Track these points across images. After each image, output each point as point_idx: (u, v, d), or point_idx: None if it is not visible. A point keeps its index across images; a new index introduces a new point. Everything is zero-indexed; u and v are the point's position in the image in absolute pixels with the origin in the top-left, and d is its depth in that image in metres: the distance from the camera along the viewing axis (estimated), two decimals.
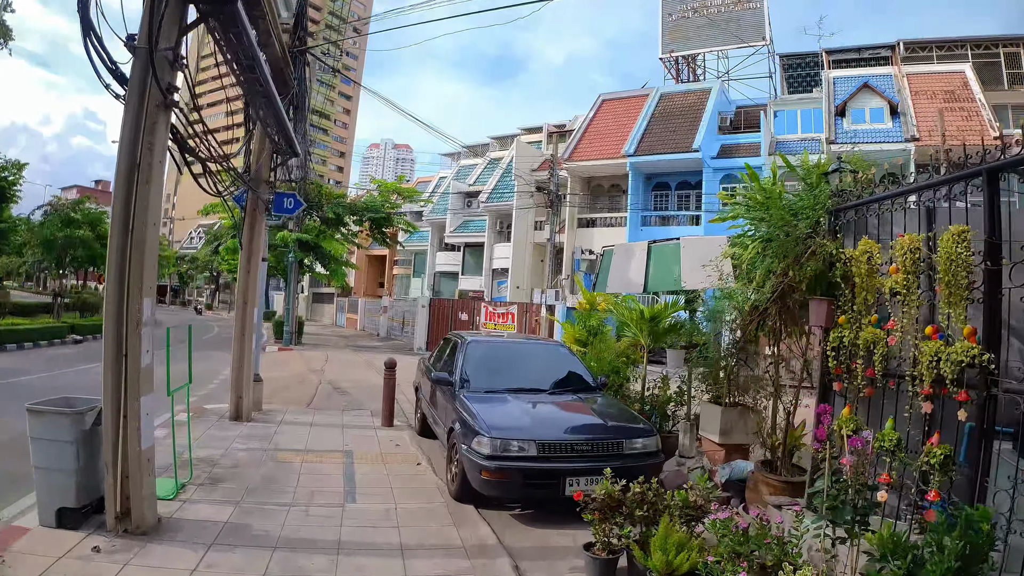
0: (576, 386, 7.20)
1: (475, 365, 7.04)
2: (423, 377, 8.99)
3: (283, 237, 23.93)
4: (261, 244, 9.28)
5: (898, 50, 36.63)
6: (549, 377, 7.23)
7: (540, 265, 34.90)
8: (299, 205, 10.27)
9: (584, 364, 7.84)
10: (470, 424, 5.76)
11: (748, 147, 31.06)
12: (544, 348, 7.92)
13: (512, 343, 8.08)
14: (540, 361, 7.57)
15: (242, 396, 9.29)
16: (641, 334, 9.32)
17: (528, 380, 7.05)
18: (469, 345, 7.31)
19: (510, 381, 6.91)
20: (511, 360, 7.40)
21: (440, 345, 8.95)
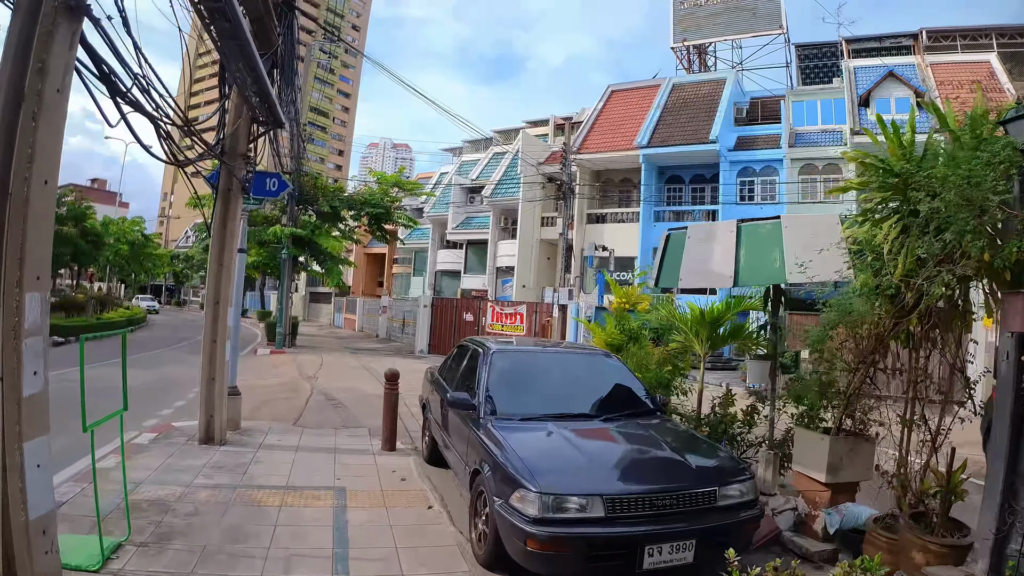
0: (632, 408, 5.62)
1: (504, 382, 5.46)
2: (431, 391, 7.39)
3: (275, 232, 22.32)
4: (237, 231, 7.68)
5: (921, 39, 35.14)
6: (597, 397, 5.66)
7: (547, 263, 33.32)
8: (284, 187, 8.67)
9: (639, 378, 6.25)
10: (506, 469, 4.17)
11: (766, 139, 29.60)
12: (588, 359, 6.30)
13: (547, 352, 6.44)
14: (584, 375, 5.97)
15: (213, 415, 7.70)
16: (696, 339, 7.75)
17: (572, 401, 5.48)
18: (494, 356, 5.71)
19: (549, 404, 5.34)
20: (548, 375, 5.81)
21: (452, 354, 7.34)
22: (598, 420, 5.21)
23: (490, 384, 5.34)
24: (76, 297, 33.08)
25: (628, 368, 6.28)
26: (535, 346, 6.88)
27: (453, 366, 6.90)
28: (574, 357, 6.32)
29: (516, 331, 21.83)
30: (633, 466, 4.44)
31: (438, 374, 7.38)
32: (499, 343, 6.19)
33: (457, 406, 5.29)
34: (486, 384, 5.34)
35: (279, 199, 24.19)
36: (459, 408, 5.31)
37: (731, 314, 7.46)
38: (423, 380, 8.42)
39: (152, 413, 10.27)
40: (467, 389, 5.74)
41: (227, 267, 7.58)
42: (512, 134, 40.99)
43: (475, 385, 5.50)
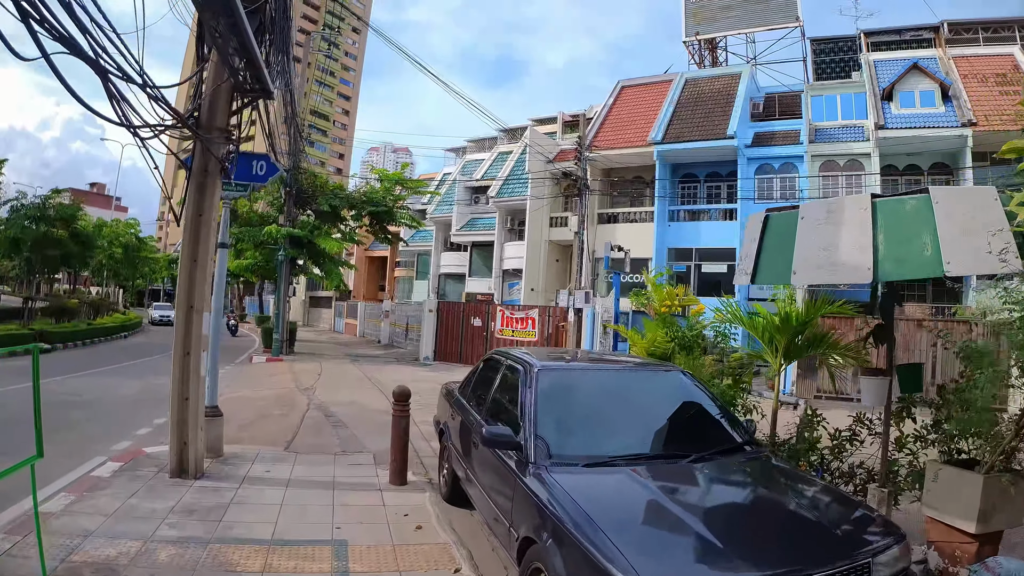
0: (721, 442, 4.31)
1: (558, 412, 4.14)
2: (450, 414, 6.06)
3: (271, 232, 21.00)
4: (214, 221, 6.36)
5: (942, 32, 33.89)
6: (676, 428, 4.34)
7: (556, 265, 32.01)
8: (273, 171, 7.37)
9: (722, 400, 4.93)
10: (584, 549, 2.83)
11: (784, 135, 28.35)
12: (656, 377, 4.91)
13: (606, 370, 5.02)
14: (655, 399, 4.63)
15: (187, 443, 6.37)
16: (769, 349, 6.43)
17: (645, 436, 4.17)
18: (541, 376, 4.36)
19: (618, 440, 4.03)
20: (611, 400, 4.46)
21: (477, 369, 5.98)
22: (685, 462, 3.88)
23: (540, 415, 4.00)
24: (68, 302, 31.81)
25: (705, 387, 4.95)
26: (588, 362, 5.48)
27: (480, 386, 5.57)
28: (639, 375, 4.94)
29: (528, 337, 20.51)
30: (760, 535, 3.11)
31: (459, 393, 6.04)
32: (543, 358, 4.85)
33: (496, 445, 3.95)
34: (534, 414, 3.99)
35: (274, 194, 22.93)
36: (499, 447, 3.98)
37: (818, 314, 6.15)
38: (438, 397, 7.08)
39: (126, 433, 8.98)
40: (504, 419, 4.43)
41: (203, 265, 6.26)
42: (518, 133, 39.71)
43: (518, 415, 4.17)
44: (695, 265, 27.85)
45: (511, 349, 5.41)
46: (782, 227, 4.40)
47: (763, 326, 6.52)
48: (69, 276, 46.57)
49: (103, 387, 12.94)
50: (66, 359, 18.25)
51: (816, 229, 3.99)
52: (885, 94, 27.36)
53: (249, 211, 24.75)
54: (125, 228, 42.52)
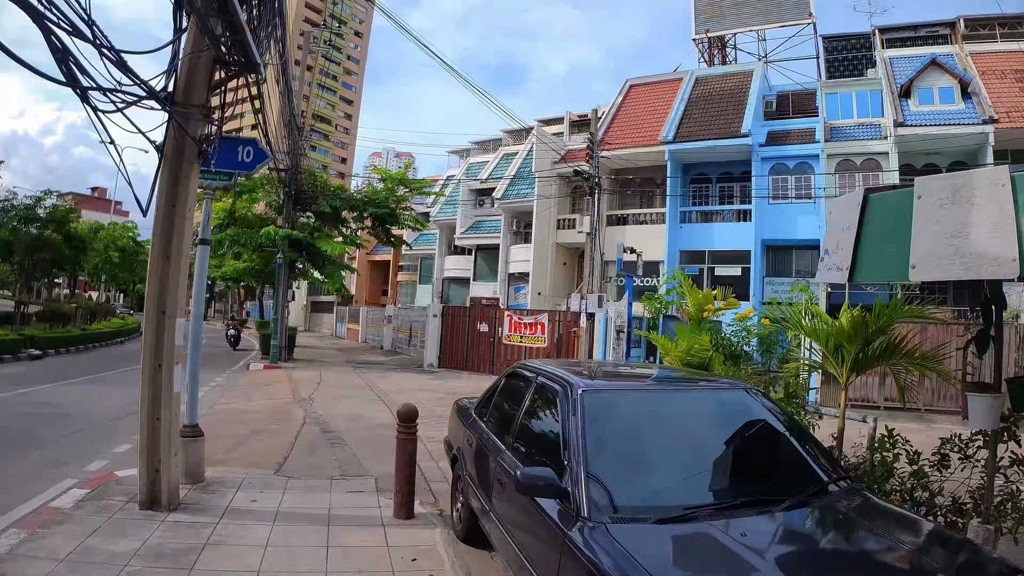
0: (812, 479, 3.42)
1: (613, 448, 3.25)
2: (465, 437, 5.16)
3: (269, 234, 20.12)
4: (190, 212, 5.48)
5: (958, 28, 33.06)
6: (754, 461, 3.45)
7: (564, 269, 31.12)
8: (261, 158, 6.49)
9: (800, 423, 4.04)
10: None
11: (799, 134, 27.48)
12: (716, 396, 3.98)
13: (662, 390, 4.04)
14: (721, 425, 3.72)
15: (160, 470, 5.48)
16: (833, 358, 5.54)
17: (721, 474, 3.28)
18: (587, 400, 3.44)
19: (691, 482, 3.14)
20: (674, 429, 3.55)
21: (499, 386, 5.04)
22: (779, 510, 2.98)
23: (591, 451, 3.09)
24: (62, 307, 30.99)
25: (780, 407, 4.05)
26: (636, 379, 4.51)
27: (503, 406, 4.67)
28: (701, 395, 4.02)
29: (537, 343, 19.61)
30: None
31: (476, 414, 5.14)
32: (582, 374, 3.94)
33: (535, 491, 3.04)
34: (583, 450, 3.08)
35: (273, 195, 22.06)
36: (538, 494, 3.07)
37: (891, 318, 5.26)
38: (450, 414, 6.19)
39: (103, 450, 8.11)
40: (537, 452, 3.56)
41: (177, 263, 5.38)
42: (523, 134, 38.88)
43: (559, 450, 3.26)
44: (708, 268, 26.94)
45: (542, 363, 4.49)
46: (890, 210, 3.50)
47: (827, 333, 5.63)
48: (69, 281, 45.80)
49: (88, 397, 12.08)
50: (55, 366, 17.45)
51: (941, 211, 3.10)
52: (903, 91, 26.51)
53: (247, 212, 23.94)
54: (122, 231, 41.76)
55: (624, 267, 20.72)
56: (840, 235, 3.94)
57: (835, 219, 4.12)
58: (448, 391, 15.61)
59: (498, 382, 5.08)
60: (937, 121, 25.02)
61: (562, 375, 3.86)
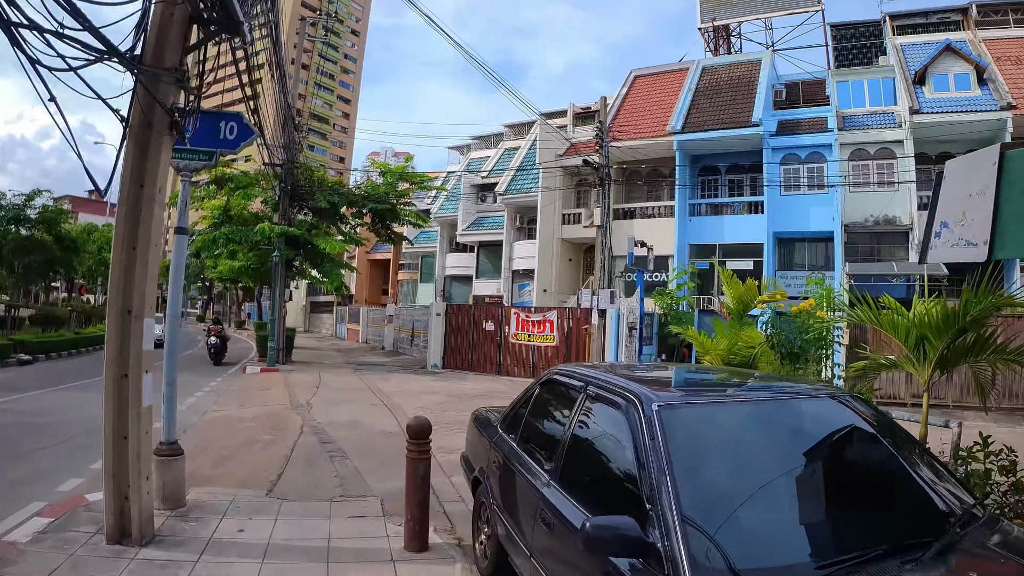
0: (948, 510, 2.62)
1: (711, 485, 2.42)
2: (490, 456, 4.31)
3: (263, 230, 19.27)
4: (159, 194, 4.64)
5: (971, 13, 32.26)
6: (881, 492, 2.64)
7: (569, 265, 30.30)
8: (246, 134, 5.65)
9: (914, 438, 3.20)
10: None
11: (811, 123, 26.64)
12: (813, 407, 3.11)
13: (749, 403, 3.08)
14: (829, 445, 2.88)
15: (128, 497, 4.65)
16: (913, 356, 4.73)
17: (847, 514, 2.46)
18: (667, 420, 2.59)
19: (816, 527, 2.33)
20: (775, 453, 2.71)
21: (532, 397, 4.12)
22: (930, 556, 2.17)
23: (685, 489, 2.25)
24: (56, 310, 30.18)
25: (888, 416, 3.22)
26: (712, 388, 3.57)
27: (539, 424, 3.83)
28: (800, 408, 3.12)
29: (546, 341, 18.78)
30: None
31: (504, 431, 4.29)
32: (647, 383, 3.10)
33: (611, 548, 2.20)
34: (673, 490, 2.23)
35: (269, 191, 21.21)
36: (617, 552, 2.24)
37: (986, 308, 4.44)
38: (468, 427, 5.35)
39: (80, 467, 7.30)
40: (603, 489, 2.74)
41: (144, 253, 4.54)
42: (525, 128, 38.00)
43: (638, 489, 2.42)
44: (719, 262, 26.12)
45: (587, 369, 3.64)
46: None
47: (907, 326, 4.82)
48: (66, 284, 44.84)
49: (74, 405, 11.27)
50: (45, 372, 16.68)
51: None
52: (917, 78, 25.75)
53: (243, 210, 23.08)
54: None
55: (635, 262, 19.91)
56: (965, 203, 3.11)
57: (954, 183, 3.29)
58: (454, 393, 14.79)
59: (529, 392, 4.20)
60: (953, 108, 24.25)
61: (622, 384, 3.02)
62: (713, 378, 3.80)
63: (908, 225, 23.76)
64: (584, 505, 2.74)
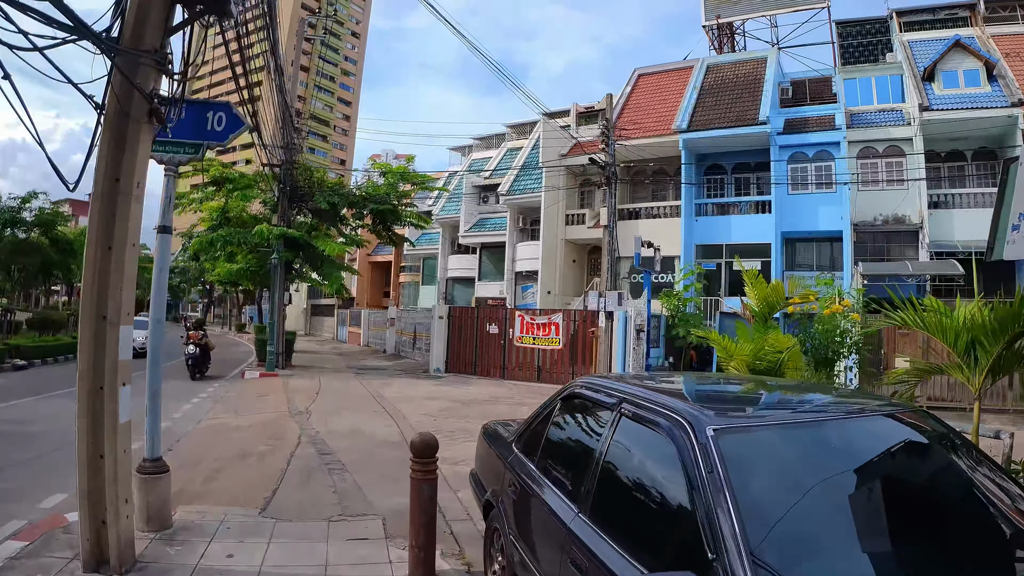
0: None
1: (786, 527, 1.97)
2: (503, 478, 3.87)
3: (262, 232, 18.85)
4: (137, 188, 4.22)
5: (978, 9, 31.84)
6: (962, 520, 2.23)
7: (573, 266, 29.87)
8: (236, 126, 5.23)
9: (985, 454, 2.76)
10: None
11: (818, 120, 26.18)
12: (885, 429, 2.67)
13: (812, 423, 2.58)
14: (909, 471, 2.45)
15: (105, 521, 4.23)
16: (964, 360, 4.30)
17: (937, 552, 2.04)
18: (725, 446, 2.18)
19: (902, 570, 1.89)
20: (851, 483, 2.28)
21: (552, 415, 3.65)
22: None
23: (755, 535, 1.83)
24: (53, 314, 29.78)
25: (957, 433, 2.78)
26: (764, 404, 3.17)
27: (565, 446, 3.40)
28: (866, 426, 2.67)
29: (552, 344, 18.35)
30: None
31: (520, 450, 3.83)
32: (697, 402, 2.67)
33: None
34: (743, 539, 1.82)
35: (268, 193, 20.80)
36: None
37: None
38: (478, 443, 4.90)
39: (67, 481, 6.80)
40: (649, 529, 2.31)
41: (121, 253, 4.12)
42: (528, 128, 37.59)
43: (699, 533, 1.98)
44: (726, 263, 25.69)
45: (621, 383, 3.17)
46: None
47: (956, 329, 4.39)
48: (67, 287, 44.43)
49: (66, 412, 10.75)
50: (40, 377, 16.29)
51: None
52: (926, 74, 25.34)
53: (242, 212, 22.68)
54: None
55: (642, 262, 19.47)
56: None
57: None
58: (458, 399, 14.36)
59: (548, 407, 3.74)
60: (963, 105, 23.83)
61: (665, 403, 2.58)
62: (763, 392, 3.35)
63: (918, 224, 23.32)
64: (625, 548, 2.30)
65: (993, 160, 24.74)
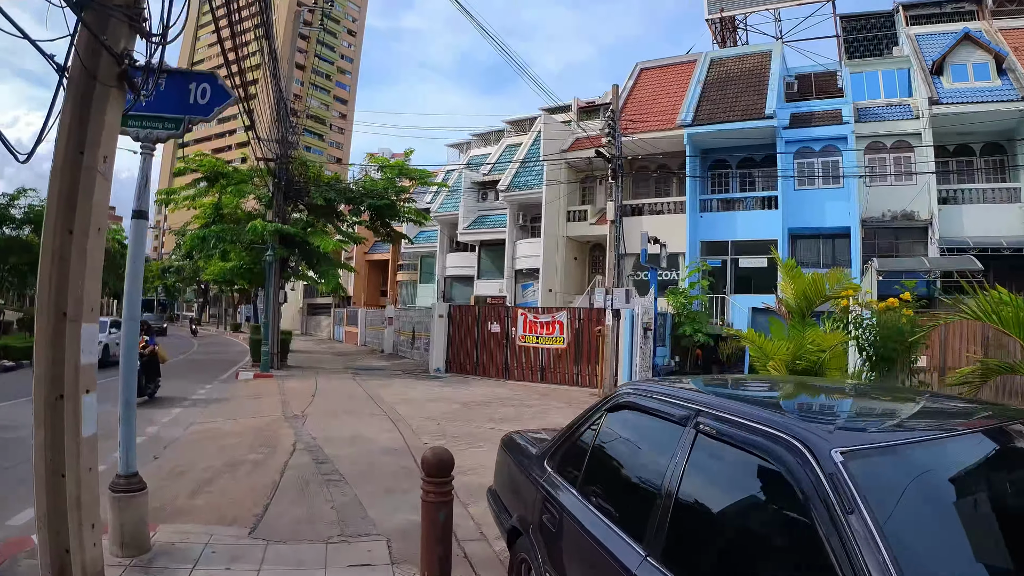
0: None
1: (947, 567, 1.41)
2: (534, 502, 3.27)
3: (255, 228, 18.22)
4: (103, 163, 3.62)
5: (986, 3, 31.40)
6: None
7: (575, 264, 29.31)
8: (221, 98, 4.63)
9: None
10: None
11: (824, 115, 25.63)
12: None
13: (957, 440, 1.98)
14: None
15: (69, 549, 3.63)
16: None
17: None
18: (858, 474, 1.62)
19: None
20: (1009, 503, 1.72)
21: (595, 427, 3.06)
22: None
23: None
24: None
25: None
26: (882, 415, 2.53)
27: (616, 470, 2.82)
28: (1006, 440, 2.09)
29: (556, 344, 17.77)
30: None
31: (555, 469, 3.21)
32: (805, 416, 2.10)
33: None
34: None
35: (262, 188, 20.16)
36: None
37: None
38: (498, 457, 4.29)
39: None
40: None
41: (84, 238, 3.53)
42: (527, 124, 36.97)
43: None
44: (731, 260, 25.15)
45: (689, 391, 2.60)
46: None
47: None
48: None
49: None
50: (27, 379, 15.60)
51: None
52: (935, 68, 24.84)
53: (236, 208, 22.01)
54: (109, 234, 39.73)
55: (648, 259, 18.92)
56: None
57: None
58: (461, 401, 13.77)
59: (590, 419, 3.13)
60: (973, 99, 23.36)
61: (761, 415, 1.99)
62: (861, 399, 2.73)
63: (927, 220, 22.82)
64: None
65: (1002, 155, 24.30)
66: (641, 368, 16.93)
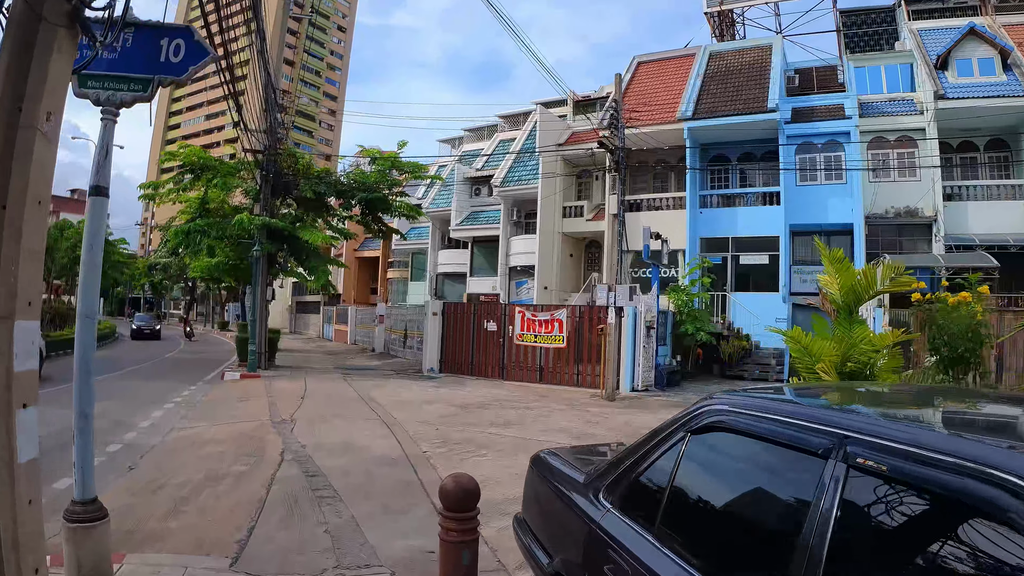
0: None
1: None
2: (588, 549, 2.57)
3: (242, 221, 17.41)
4: (47, 119, 2.92)
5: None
6: None
7: (571, 260, 28.66)
8: (198, 56, 3.92)
9: None
10: None
11: (827, 110, 25.14)
12: None
13: None
14: None
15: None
16: None
17: None
18: None
19: None
20: None
21: (675, 452, 2.33)
22: None
23: None
24: (61, 308, 28.30)
25: None
26: None
27: (709, 513, 2.14)
28: None
29: (555, 342, 17.10)
30: None
31: (620, 511, 2.45)
32: (1000, 441, 1.46)
33: None
34: None
35: (251, 177, 19.35)
36: None
37: None
38: (527, 481, 3.57)
39: None
40: None
41: (19, 210, 2.82)
42: (521, 118, 36.31)
43: None
44: (732, 256, 24.59)
45: (818, 408, 1.90)
46: None
47: None
48: (46, 285, 42.55)
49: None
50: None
51: None
52: (940, 62, 24.39)
53: (223, 203, 21.19)
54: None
55: (650, 255, 18.30)
56: None
57: None
58: (458, 403, 13.07)
59: (665, 443, 2.38)
60: (979, 94, 22.96)
61: (952, 447, 1.34)
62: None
63: (931, 217, 22.38)
64: None
65: (1006, 151, 23.93)
66: (644, 368, 16.32)
